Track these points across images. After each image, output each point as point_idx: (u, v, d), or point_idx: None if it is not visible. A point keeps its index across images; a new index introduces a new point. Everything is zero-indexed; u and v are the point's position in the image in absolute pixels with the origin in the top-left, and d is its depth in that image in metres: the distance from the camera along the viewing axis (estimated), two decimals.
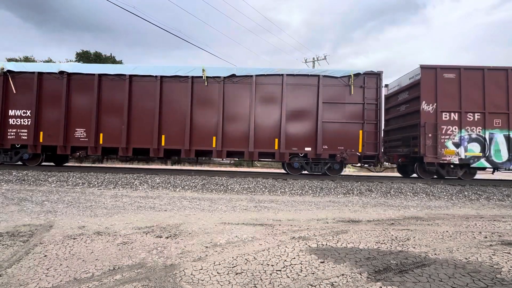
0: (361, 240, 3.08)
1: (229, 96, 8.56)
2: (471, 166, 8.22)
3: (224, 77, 8.48)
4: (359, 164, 8.71)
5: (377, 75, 8.40)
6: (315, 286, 1.97)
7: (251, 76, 8.46)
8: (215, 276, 2.10)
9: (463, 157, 8.10)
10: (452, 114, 8.16)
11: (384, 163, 9.87)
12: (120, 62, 24.82)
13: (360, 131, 8.30)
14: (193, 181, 7.27)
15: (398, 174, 10.81)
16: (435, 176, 8.78)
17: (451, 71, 8.22)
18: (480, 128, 8.11)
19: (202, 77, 8.47)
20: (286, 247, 2.80)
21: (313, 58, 29.54)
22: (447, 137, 8.13)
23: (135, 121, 8.60)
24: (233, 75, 8.50)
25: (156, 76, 8.53)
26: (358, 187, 7.10)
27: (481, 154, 8.10)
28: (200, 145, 8.53)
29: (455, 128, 8.14)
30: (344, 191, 6.77)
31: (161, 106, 8.54)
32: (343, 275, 2.16)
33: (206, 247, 2.76)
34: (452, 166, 8.41)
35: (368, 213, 4.74)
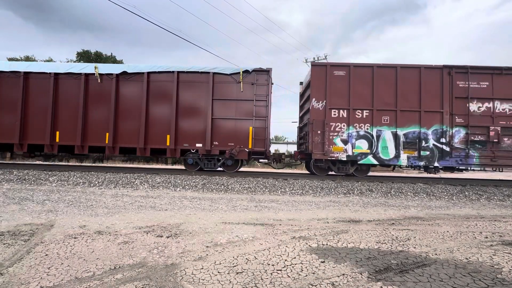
0: (361, 240, 3.08)
1: (122, 93, 8.76)
2: (359, 162, 8.30)
3: (117, 74, 8.67)
4: (266, 161, 9.01)
5: (267, 72, 8.54)
6: (315, 285, 1.97)
7: (143, 73, 8.65)
8: (216, 275, 2.10)
9: (350, 153, 8.19)
10: (341, 111, 8.25)
11: (286, 159, 9.99)
12: (120, 62, 24.84)
13: (250, 128, 8.46)
14: (193, 180, 7.28)
15: (300, 171, 10.83)
16: (331, 172, 8.81)
17: (341, 68, 8.32)
18: (369, 125, 8.18)
19: (95, 74, 8.67)
20: (286, 246, 2.80)
21: (314, 58, 29.54)
22: (335, 134, 8.22)
23: (31, 118, 8.75)
24: (125, 72, 8.69)
25: (50, 73, 8.69)
26: (359, 187, 7.10)
27: (368, 151, 8.18)
28: (93, 141, 8.71)
29: (344, 125, 8.23)
30: (345, 191, 6.77)
31: (56, 103, 8.71)
32: (343, 274, 2.16)
33: (207, 246, 2.77)
34: (342, 162, 8.49)
35: (369, 213, 4.74)
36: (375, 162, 8.21)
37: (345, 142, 8.19)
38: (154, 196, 5.68)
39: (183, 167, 10.35)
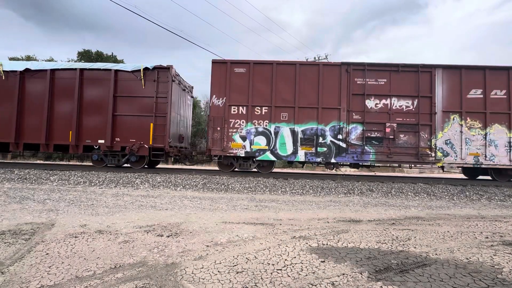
0: (362, 240, 3.08)
1: (26, 90, 8.84)
2: (256, 159, 8.34)
3: (20, 71, 8.74)
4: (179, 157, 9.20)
5: (168, 69, 8.62)
6: (315, 285, 1.97)
7: (46, 70, 8.75)
8: (216, 275, 2.10)
9: (249, 150, 8.26)
10: (241, 108, 8.31)
11: (197, 156, 10.00)
12: (121, 61, 24.85)
13: (151, 124, 8.51)
14: (194, 180, 7.28)
15: (211, 167, 10.79)
16: (236, 169, 8.79)
17: (242, 65, 8.37)
18: (267, 121, 8.26)
19: None
20: (286, 246, 2.81)
21: (314, 58, 29.52)
22: (234, 130, 8.29)
23: None
24: (28, 70, 8.78)
25: None
26: (359, 186, 7.09)
27: (266, 147, 8.24)
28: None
29: (243, 122, 8.29)
30: (345, 191, 6.76)
31: None
32: (343, 274, 2.16)
33: (207, 246, 2.77)
34: (243, 159, 8.52)
35: (369, 212, 4.74)
36: (273, 158, 8.28)
37: (244, 138, 8.28)
38: (155, 196, 5.69)
39: (91, 164, 10.31)
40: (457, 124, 8.09)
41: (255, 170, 8.77)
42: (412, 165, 8.46)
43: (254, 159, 8.45)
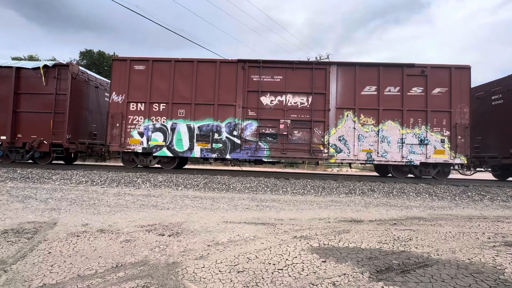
0: (363, 240, 3.07)
1: None
2: (153, 154, 8.42)
3: None
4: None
5: (67, 67, 8.79)
6: (316, 285, 1.97)
7: None
8: (217, 274, 2.11)
9: (146, 146, 8.34)
10: (140, 104, 8.40)
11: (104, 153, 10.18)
12: None
13: (51, 121, 8.64)
14: (195, 180, 7.30)
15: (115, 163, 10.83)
16: (139, 166, 8.87)
17: (142, 63, 8.47)
18: (165, 118, 8.33)
19: None
20: (287, 246, 2.81)
21: (316, 58, 29.47)
22: (133, 127, 8.38)
23: None
24: None
25: None
26: (361, 187, 7.08)
27: (163, 143, 8.31)
28: None
29: (141, 118, 8.38)
30: (347, 191, 6.75)
31: None
32: (344, 274, 2.16)
33: (208, 245, 2.77)
34: (144, 155, 8.63)
35: (371, 213, 4.73)
36: (169, 154, 8.35)
37: (141, 134, 8.35)
38: (156, 195, 5.70)
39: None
40: (350, 120, 8.14)
41: (157, 166, 8.91)
42: (306, 161, 8.57)
43: (147, 155, 8.65)
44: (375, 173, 10.90)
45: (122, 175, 7.53)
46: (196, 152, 8.25)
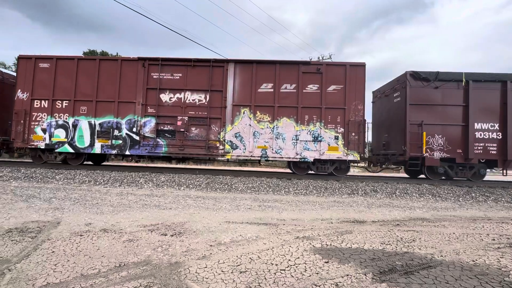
0: (366, 241, 3.06)
1: None
2: (56, 151, 8.58)
3: None
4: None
5: None
6: (319, 286, 1.97)
7: None
8: (220, 274, 2.11)
9: (48, 142, 8.51)
10: (43, 101, 8.58)
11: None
12: None
13: None
14: (197, 180, 7.31)
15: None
16: (48, 162, 9.01)
17: (46, 60, 8.65)
18: (68, 115, 8.51)
19: None
20: (290, 246, 2.80)
21: (318, 58, 29.41)
22: (36, 123, 8.56)
23: None
24: None
25: None
26: (363, 187, 7.05)
27: (65, 140, 8.49)
28: None
29: (45, 115, 8.55)
30: (349, 192, 6.73)
31: None
32: (347, 275, 2.15)
33: (211, 245, 2.78)
34: (43, 151, 8.79)
35: (373, 213, 4.71)
36: (71, 150, 8.51)
37: (44, 131, 8.53)
38: (159, 195, 5.72)
39: None
40: (246, 117, 8.23)
41: (60, 162, 9.02)
42: (202, 157, 8.72)
43: (51, 151, 8.79)
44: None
45: (125, 175, 7.56)
46: (97, 149, 8.44)
